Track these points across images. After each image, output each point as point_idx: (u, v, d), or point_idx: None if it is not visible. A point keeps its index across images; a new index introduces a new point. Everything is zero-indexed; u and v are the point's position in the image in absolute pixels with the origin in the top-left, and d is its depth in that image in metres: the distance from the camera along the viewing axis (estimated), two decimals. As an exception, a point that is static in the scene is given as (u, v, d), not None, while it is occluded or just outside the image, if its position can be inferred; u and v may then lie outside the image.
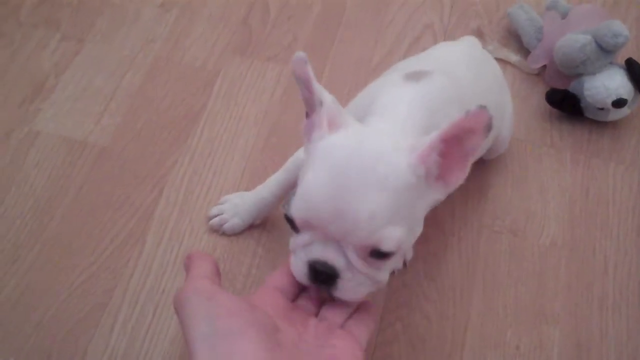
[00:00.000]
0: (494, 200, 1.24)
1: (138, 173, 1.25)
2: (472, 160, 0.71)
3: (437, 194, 0.74)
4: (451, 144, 0.69)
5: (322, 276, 0.73)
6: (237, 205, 1.16)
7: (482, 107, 0.64)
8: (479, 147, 0.69)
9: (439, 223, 1.20)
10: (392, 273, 1.11)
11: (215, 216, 1.17)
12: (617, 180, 1.27)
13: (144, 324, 1.07)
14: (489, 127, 0.65)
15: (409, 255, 1.13)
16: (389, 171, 0.68)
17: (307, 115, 0.76)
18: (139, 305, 1.09)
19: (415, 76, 0.87)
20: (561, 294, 1.14)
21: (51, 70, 1.40)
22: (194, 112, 1.34)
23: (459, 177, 0.72)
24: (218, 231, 1.17)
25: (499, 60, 1.43)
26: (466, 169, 0.72)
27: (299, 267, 0.75)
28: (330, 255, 0.72)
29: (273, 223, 1.18)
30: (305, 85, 0.72)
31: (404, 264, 1.13)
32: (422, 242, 1.15)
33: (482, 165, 1.27)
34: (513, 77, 1.42)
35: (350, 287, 0.73)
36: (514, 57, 1.44)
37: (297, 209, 0.71)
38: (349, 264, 0.72)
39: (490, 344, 1.08)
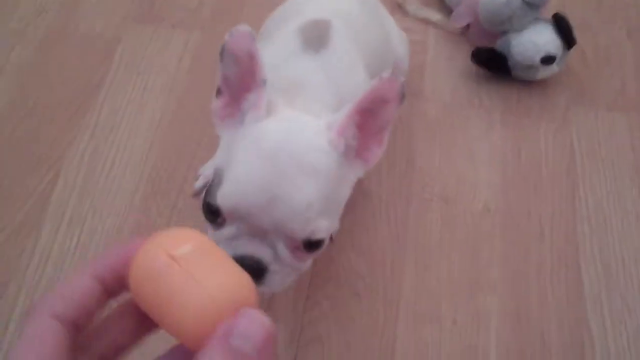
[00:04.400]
0: (422, 166, 1.16)
1: (31, 155, 1.13)
2: (387, 134, 0.71)
3: (357, 173, 0.75)
4: (366, 118, 0.69)
5: (248, 270, 0.68)
6: None
7: (393, 76, 0.64)
8: (393, 119, 0.69)
9: (366, 193, 1.12)
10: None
11: (203, 188, 1.07)
12: (549, 140, 1.21)
13: (41, 319, 0.96)
14: (402, 95, 0.66)
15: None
16: (316, 155, 0.68)
17: (219, 92, 0.72)
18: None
19: (312, 37, 0.84)
20: (497, 261, 1.07)
21: None
22: (93, 84, 1.22)
23: (377, 152, 0.73)
24: None
25: (420, 21, 1.36)
26: (383, 144, 0.72)
27: None
28: (257, 250, 0.69)
29: (185, 199, 1.08)
30: (242, 62, 0.68)
31: (330, 237, 1.05)
32: (348, 213, 1.07)
33: (408, 130, 1.19)
34: (436, 37, 1.35)
35: (277, 280, 0.72)
36: (436, 17, 1.37)
37: (226, 196, 0.67)
38: (276, 257, 0.70)
39: (425, 318, 1.01)
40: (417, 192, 1.13)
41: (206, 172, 1.09)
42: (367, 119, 0.68)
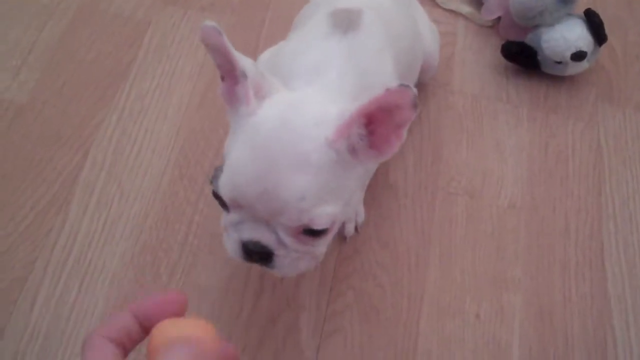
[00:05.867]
0: (449, 160, 1.16)
1: (60, 133, 1.13)
2: (406, 129, 0.68)
3: (369, 164, 0.72)
4: (380, 116, 0.66)
5: (256, 255, 0.72)
6: None
7: (404, 86, 0.61)
8: (410, 119, 0.65)
9: (391, 186, 1.12)
10: (344, 239, 1.03)
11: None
12: (576, 137, 1.21)
13: (68, 300, 0.97)
14: (414, 104, 0.62)
15: (361, 218, 1.05)
16: (310, 149, 0.66)
17: (223, 78, 0.72)
18: (62, 280, 0.99)
19: (342, 20, 0.82)
20: (521, 257, 1.07)
21: (-39, 22, 1.26)
22: (122, 66, 1.22)
23: (395, 145, 0.69)
24: None
25: (450, 12, 1.35)
26: (402, 137, 0.68)
27: (232, 247, 0.74)
28: (261, 235, 0.71)
29: (211, 188, 1.08)
30: (222, 55, 0.67)
31: (356, 228, 1.05)
32: (374, 206, 1.08)
33: (435, 123, 1.19)
34: (465, 29, 1.34)
35: (286, 263, 0.73)
36: (466, 9, 1.36)
37: (223, 187, 0.69)
38: (281, 242, 0.71)
39: (449, 312, 1.01)
40: (443, 186, 1.13)
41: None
42: (382, 118, 0.66)
